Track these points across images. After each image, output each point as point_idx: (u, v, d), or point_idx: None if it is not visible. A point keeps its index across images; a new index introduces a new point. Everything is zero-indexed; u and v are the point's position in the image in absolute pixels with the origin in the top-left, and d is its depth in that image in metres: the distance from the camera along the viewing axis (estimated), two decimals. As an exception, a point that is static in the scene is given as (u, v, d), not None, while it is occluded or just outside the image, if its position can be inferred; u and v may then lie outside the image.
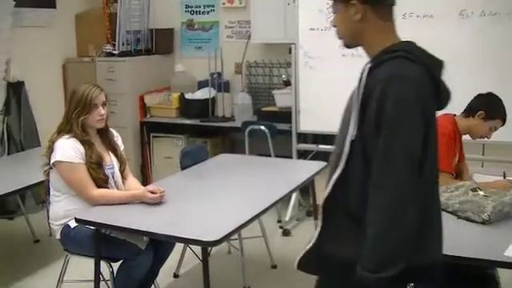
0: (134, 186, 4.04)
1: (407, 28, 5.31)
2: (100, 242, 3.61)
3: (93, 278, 3.66)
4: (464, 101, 4.14)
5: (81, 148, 3.77)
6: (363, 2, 2.25)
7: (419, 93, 2.11)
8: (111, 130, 4.09)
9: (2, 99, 6.21)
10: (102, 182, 3.81)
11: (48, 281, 4.44)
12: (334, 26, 2.41)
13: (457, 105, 4.16)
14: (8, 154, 6.15)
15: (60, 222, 3.83)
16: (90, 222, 3.57)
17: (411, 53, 2.21)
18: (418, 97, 2.10)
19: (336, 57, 5.56)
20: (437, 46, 5.41)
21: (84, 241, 3.71)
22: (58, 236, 3.89)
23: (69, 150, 3.74)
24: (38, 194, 6.00)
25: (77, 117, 3.79)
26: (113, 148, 4.03)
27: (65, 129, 3.82)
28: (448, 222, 3.36)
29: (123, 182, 4.01)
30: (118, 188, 3.93)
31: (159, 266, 4.04)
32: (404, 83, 2.10)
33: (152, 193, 3.72)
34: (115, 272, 3.75)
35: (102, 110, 3.87)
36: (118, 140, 4.12)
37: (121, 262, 3.76)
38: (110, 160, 3.95)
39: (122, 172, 4.03)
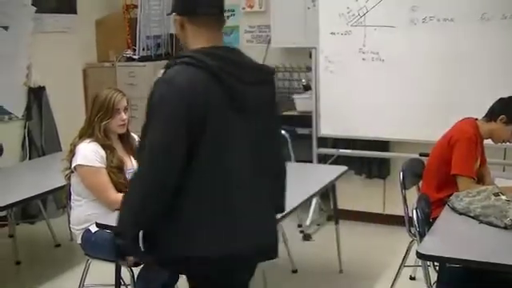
0: None
1: (428, 32, 5.34)
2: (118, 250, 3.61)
3: (114, 283, 3.67)
4: (485, 104, 4.12)
5: (102, 152, 3.79)
6: (179, 14, 2.60)
7: (187, 95, 2.38)
8: (132, 134, 4.10)
9: (24, 104, 6.25)
10: (122, 186, 3.81)
11: (69, 285, 4.46)
12: None
13: (479, 109, 4.17)
14: (29, 158, 6.19)
15: (81, 226, 3.85)
16: (111, 226, 3.57)
17: (196, 58, 2.45)
18: (182, 99, 2.38)
19: (357, 61, 5.55)
20: (458, 49, 5.41)
21: (105, 245, 3.71)
22: (78, 240, 3.90)
23: (90, 153, 3.75)
24: (59, 198, 6.01)
25: (99, 121, 3.81)
26: (134, 153, 4.02)
27: (86, 133, 3.84)
28: (470, 227, 3.35)
29: None
30: None
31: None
32: (169, 86, 2.42)
33: None
34: (136, 277, 3.75)
35: (124, 115, 3.90)
36: None
37: (141, 266, 3.76)
38: (132, 164, 3.96)
39: None
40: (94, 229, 3.74)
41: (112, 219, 3.57)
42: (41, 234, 5.83)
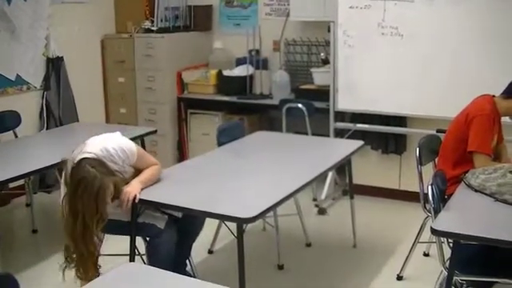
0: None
1: (448, 7, 5.27)
2: (132, 218, 3.62)
3: (128, 253, 3.70)
4: (503, 81, 4.09)
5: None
6: None
7: None
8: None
9: (42, 74, 6.27)
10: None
11: (85, 254, 4.49)
12: None
13: (496, 85, 4.13)
14: (47, 128, 6.22)
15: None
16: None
17: None
18: None
19: (375, 35, 5.52)
20: (478, 25, 5.34)
21: (119, 222, 3.68)
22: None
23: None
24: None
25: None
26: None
27: None
28: (485, 205, 3.34)
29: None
30: None
31: (189, 242, 4.03)
32: None
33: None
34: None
35: (111, 203, 3.44)
36: (127, 160, 3.62)
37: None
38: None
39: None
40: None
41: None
42: (57, 203, 5.77)
